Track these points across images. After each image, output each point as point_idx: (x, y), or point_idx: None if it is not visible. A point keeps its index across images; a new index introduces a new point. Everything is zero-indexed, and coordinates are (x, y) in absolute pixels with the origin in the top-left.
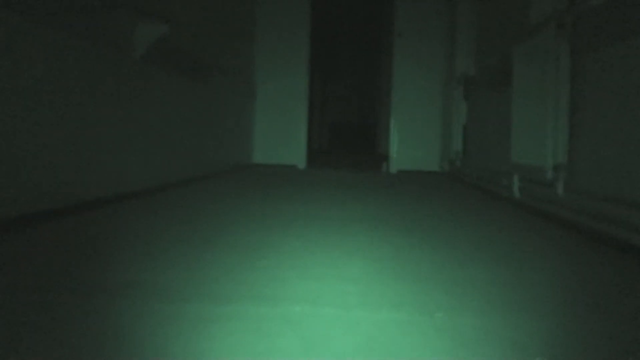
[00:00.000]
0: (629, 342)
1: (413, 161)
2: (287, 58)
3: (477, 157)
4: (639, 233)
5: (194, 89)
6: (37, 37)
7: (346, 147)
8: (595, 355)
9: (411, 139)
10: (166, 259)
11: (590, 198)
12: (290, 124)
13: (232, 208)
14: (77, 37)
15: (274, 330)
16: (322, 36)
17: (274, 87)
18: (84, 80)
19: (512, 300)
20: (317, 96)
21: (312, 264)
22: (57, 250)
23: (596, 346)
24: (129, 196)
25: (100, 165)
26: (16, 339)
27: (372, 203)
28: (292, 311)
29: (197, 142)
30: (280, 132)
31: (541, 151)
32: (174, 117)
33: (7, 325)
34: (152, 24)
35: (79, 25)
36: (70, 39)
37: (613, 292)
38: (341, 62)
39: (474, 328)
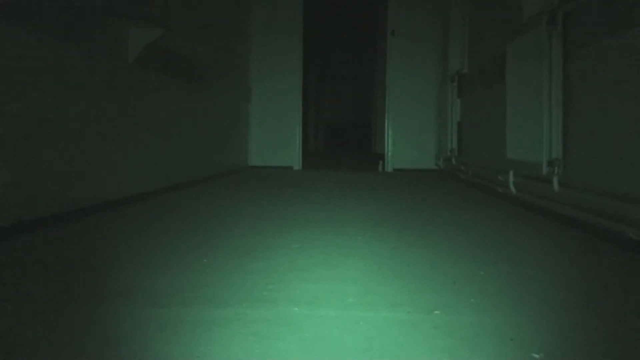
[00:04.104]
0: (627, 337)
1: (409, 159)
2: (281, 60)
3: (473, 154)
4: (635, 227)
5: (189, 92)
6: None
7: (342, 147)
8: (593, 351)
9: (407, 138)
10: (164, 263)
11: (585, 193)
12: (286, 126)
13: (229, 211)
14: (71, 42)
15: (273, 333)
16: (316, 37)
17: (268, 89)
18: (78, 84)
19: (510, 297)
20: (312, 97)
21: (310, 266)
22: (54, 256)
23: (594, 342)
24: (122, 201)
25: (97, 171)
26: (15, 345)
27: (369, 202)
28: (290, 313)
29: (192, 145)
30: (276, 133)
31: (536, 147)
32: (169, 121)
33: (6, 331)
34: (146, 28)
35: (71, 31)
36: (65, 45)
37: (610, 286)
38: (335, 62)
39: (472, 325)
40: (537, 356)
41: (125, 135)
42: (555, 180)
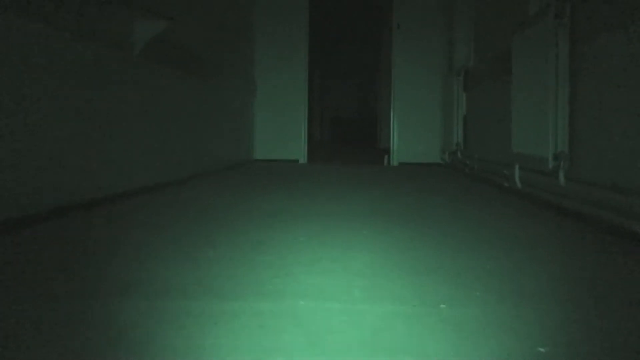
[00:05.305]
0: (631, 331)
1: (414, 153)
2: (286, 53)
3: (478, 148)
4: None
5: (194, 86)
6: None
7: (347, 141)
8: (597, 344)
9: (412, 132)
10: (169, 256)
11: (591, 186)
12: (291, 119)
13: (234, 204)
14: (77, 35)
15: (279, 326)
16: (321, 30)
17: (273, 82)
18: (85, 78)
19: (515, 291)
20: (317, 91)
21: (316, 259)
22: (59, 249)
23: (598, 335)
24: (128, 194)
25: (104, 163)
26: (17, 338)
27: (375, 196)
28: (296, 306)
29: (198, 138)
30: (281, 127)
31: (542, 140)
32: (174, 115)
33: (9, 324)
34: (151, 21)
35: (77, 23)
36: (70, 37)
37: (615, 280)
38: (340, 55)
39: (477, 319)
40: (542, 350)
41: (126, 128)
42: (561, 174)
